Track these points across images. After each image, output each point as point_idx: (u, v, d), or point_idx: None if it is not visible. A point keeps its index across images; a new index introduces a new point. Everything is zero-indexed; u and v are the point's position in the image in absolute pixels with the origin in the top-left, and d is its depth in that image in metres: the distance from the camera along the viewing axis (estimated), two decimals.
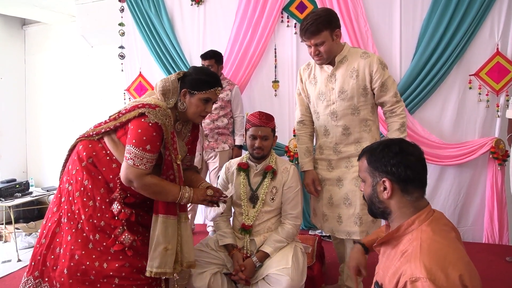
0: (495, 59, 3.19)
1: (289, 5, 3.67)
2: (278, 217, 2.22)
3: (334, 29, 2.00)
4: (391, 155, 1.22)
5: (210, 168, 3.50)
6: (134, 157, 1.68)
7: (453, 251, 1.11)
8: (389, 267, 1.20)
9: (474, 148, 3.26)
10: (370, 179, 1.28)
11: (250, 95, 3.88)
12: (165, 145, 1.77)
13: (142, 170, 1.69)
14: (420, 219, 1.20)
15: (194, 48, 3.99)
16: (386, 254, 1.29)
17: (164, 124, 1.73)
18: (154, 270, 1.74)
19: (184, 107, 1.86)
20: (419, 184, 1.23)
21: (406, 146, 1.25)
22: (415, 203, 1.22)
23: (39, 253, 1.81)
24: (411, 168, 1.20)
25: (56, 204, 1.87)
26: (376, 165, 1.25)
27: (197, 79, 1.85)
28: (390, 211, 1.26)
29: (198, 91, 1.84)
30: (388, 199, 1.24)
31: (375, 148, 1.29)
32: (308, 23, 1.98)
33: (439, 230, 1.17)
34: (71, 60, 4.92)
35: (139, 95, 4.16)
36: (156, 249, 1.75)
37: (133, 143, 1.69)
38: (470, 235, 3.43)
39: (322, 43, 1.99)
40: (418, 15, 3.37)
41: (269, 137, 2.14)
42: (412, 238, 1.18)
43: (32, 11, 4.55)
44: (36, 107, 5.15)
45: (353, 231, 2.11)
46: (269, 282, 1.97)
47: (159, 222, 1.78)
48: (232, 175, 2.25)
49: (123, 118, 1.79)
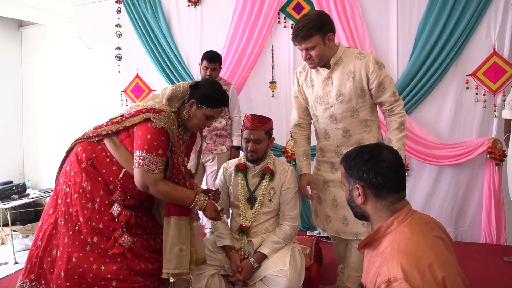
0: (492, 59, 3.20)
1: (286, 6, 3.67)
2: (276, 218, 2.21)
3: (326, 33, 1.95)
4: (362, 162, 1.25)
5: (208, 171, 3.48)
6: (148, 163, 1.70)
7: (430, 250, 1.11)
8: (370, 269, 1.22)
9: (471, 148, 3.26)
10: (347, 184, 1.33)
11: (247, 96, 3.88)
12: (172, 148, 1.79)
13: (157, 174, 1.74)
14: (398, 219, 1.21)
15: (191, 49, 3.99)
16: (369, 256, 1.31)
17: (170, 128, 1.75)
18: (171, 271, 1.78)
19: (189, 116, 1.90)
20: (393, 189, 1.24)
21: (378, 152, 1.26)
22: (390, 207, 1.24)
23: (35, 255, 1.80)
24: (381, 174, 1.22)
25: (52, 206, 1.86)
26: (350, 171, 1.30)
27: (208, 95, 1.89)
28: (368, 214, 1.30)
29: (206, 106, 1.89)
30: (363, 204, 1.28)
31: (350, 155, 1.32)
32: (299, 27, 1.94)
33: (418, 230, 1.18)
34: (68, 62, 4.92)
35: (136, 97, 4.16)
36: (172, 251, 1.78)
37: (145, 149, 1.70)
38: (468, 235, 3.43)
39: (313, 48, 1.96)
40: (415, 16, 3.37)
41: (262, 140, 2.13)
42: (391, 239, 1.19)
43: (29, 12, 4.54)
44: (33, 109, 5.14)
45: (361, 232, 2.10)
46: (267, 284, 1.97)
47: (172, 224, 1.81)
48: (230, 176, 2.25)
49: (127, 122, 1.79)
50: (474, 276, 2.66)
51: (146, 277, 1.81)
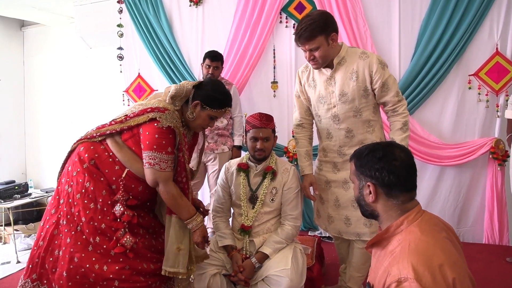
0: (494, 59, 3.19)
1: (287, 6, 3.67)
2: (277, 218, 2.21)
3: (330, 33, 1.93)
4: (375, 160, 1.24)
5: (209, 170, 3.47)
6: (159, 162, 1.73)
7: (440, 251, 1.10)
8: (379, 268, 1.21)
9: (473, 149, 3.25)
10: (358, 182, 1.31)
11: (249, 96, 3.87)
12: (178, 146, 1.80)
13: (168, 172, 1.77)
14: (408, 219, 1.20)
15: (192, 48, 3.99)
16: (377, 255, 1.30)
17: (176, 126, 1.78)
18: (168, 269, 1.80)
19: (193, 116, 1.91)
20: (404, 188, 1.23)
21: (391, 150, 1.24)
22: (401, 206, 1.23)
23: (37, 255, 1.80)
24: (394, 173, 1.20)
25: (54, 206, 1.86)
26: (361, 169, 1.28)
27: (212, 96, 1.90)
28: (377, 213, 1.28)
29: (210, 107, 1.90)
30: (373, 203, 1.26)
31: (362, 152, 1.30)
32: (302, 28, 1.92)
33: (428, 230, 1.17)
34: (69, 62, 4.92)
35: (138, 96, 4.16)
36: (170, 249, 1.81)
37: (154, 148, 1.72)
38: (470, 236, 3.42)
39: (317, 49, 1.94)
40: (417, 15, 3.36)
41: (270, 138, 2.13)
42: (401, 238, 1.18)
43: (30, 12, 4.55)
44: (35, 109, 5.15)
45: (363, 232, 2.09)
46: (269, 284, 1.97)
47: (172, 222, 1.84)
48: (232, 175, 2.24)
49: (131, 121, 1.80)
50: (476, 277, 2.59)
51: (148, 277, 1.81)
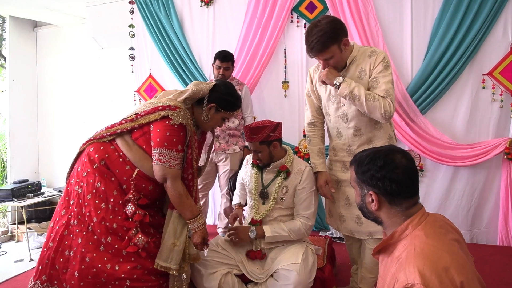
0: (509, 58, 3.13)
1: (298, 5, 3.65)
2: (289, 217, 2.21)
3: (341, 40, 1.92)
4: (376, 168, 1.21)
5: (220, 170, 3.47)
6: (169, 159, 1.76)
7: (447, 254, 1.09)
8: (386, 275, 1.19)
9: (487, 149, 3.20)
10: (359, 190, 1.29)
11: (260, 96, 3.87)
12: (188, 143, 1.83)
13: (178, 170, 1.80)
14: (413, 224, 1.19)
15: (203, 49, 3.99)
16: (384, 262, 1.28)
17: (187, 124, 1.80)
18: (160, 263, 1.80)
19: (208, 119, 1.95)
20: (407, 195, 1.21)
21: (392, 158, 1.21)
22: (405, 212, 1.21)
23: (47, 256, 1.81)
24: (396, 181, 1.18)
25: (64, 206, 1.87)
26: (362, 177, 1.26)
27: (226, 100, 1.96)
28: (381, 220, 1.27)
29: (225, 110, 1.97)
30: (376, 211, 1.25)
31: (362, 160, 1.27)
32: (313, 40, 1.89)
33: (433, 233, 1.15)
34: (82, 62, 4.97)
35: (150, 96, 4.18)
36: (165, 243, 1.82)
37: (165, 146, 1.75)
38: (484, 238, 3.37)
39: (331, 58, 1.94)
40: (429, 14, 3.32)
41: (260, 150, 2.13)
42: (406, 243, 1.17)
43: (43, 13, 4.60)
44: (48, 108, 5.20)
45: (375, 230, 2.07)
46: (277, 278, 1.98)
47: (172, 217, 1.86)
48: (248, 168, 2.32)
49: (142, 120, 1.82)
50: (490, 280, 2.61)
51: (159, 276, 1.82)
